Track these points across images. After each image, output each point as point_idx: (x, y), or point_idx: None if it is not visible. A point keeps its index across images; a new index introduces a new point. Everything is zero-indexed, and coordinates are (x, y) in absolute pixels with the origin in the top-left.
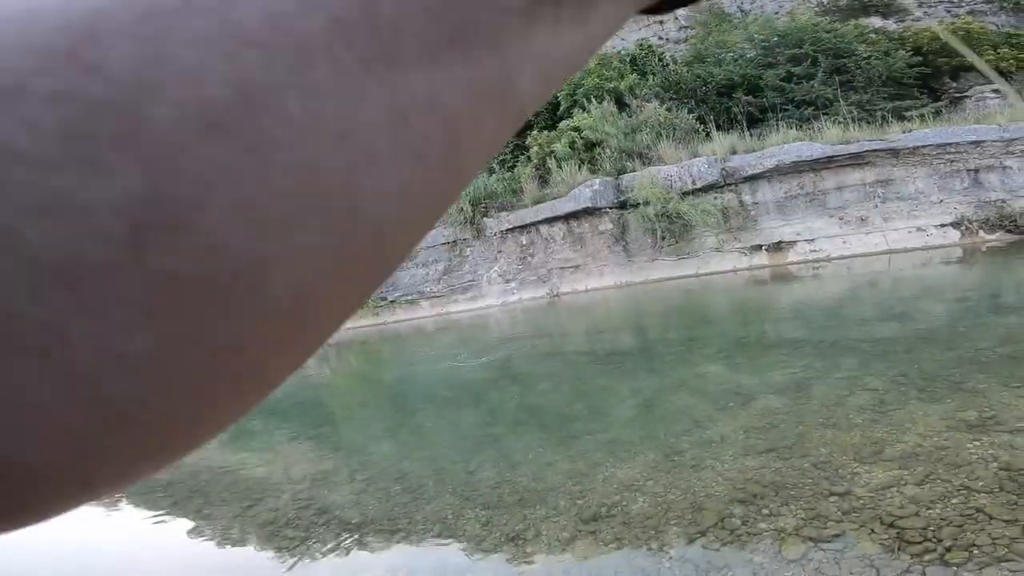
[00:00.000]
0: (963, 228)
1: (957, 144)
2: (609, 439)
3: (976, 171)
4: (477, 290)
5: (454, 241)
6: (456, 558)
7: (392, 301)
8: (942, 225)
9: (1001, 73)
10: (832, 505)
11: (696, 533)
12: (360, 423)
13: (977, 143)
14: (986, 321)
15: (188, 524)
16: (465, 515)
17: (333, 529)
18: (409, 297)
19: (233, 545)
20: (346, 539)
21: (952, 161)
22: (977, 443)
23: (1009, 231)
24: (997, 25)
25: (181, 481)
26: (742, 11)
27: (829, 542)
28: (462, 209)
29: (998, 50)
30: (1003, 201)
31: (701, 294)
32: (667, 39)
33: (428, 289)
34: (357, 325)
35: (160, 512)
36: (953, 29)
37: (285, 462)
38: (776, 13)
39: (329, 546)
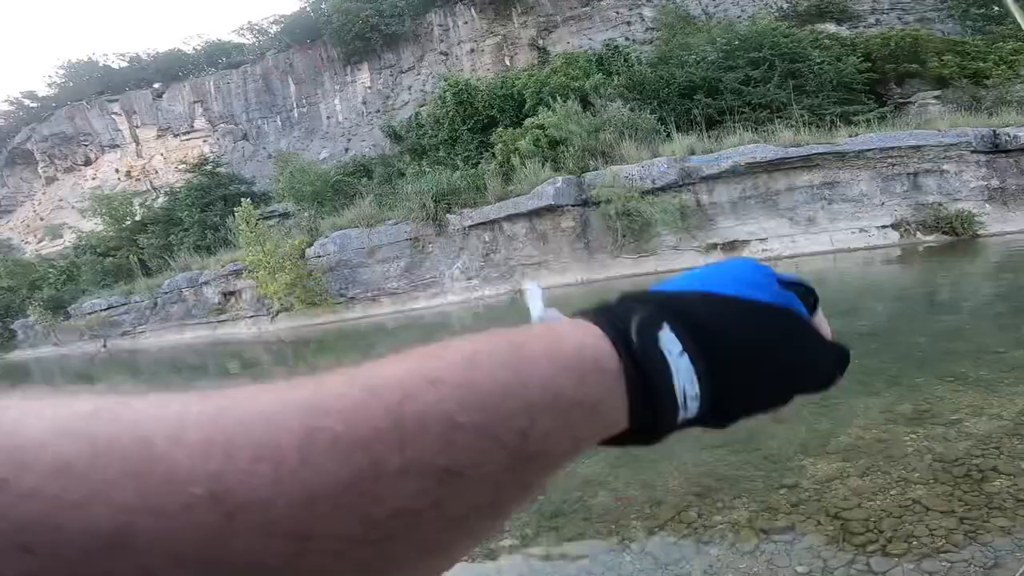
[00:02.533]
0: (902, 229)
1: (898, 148)
2: None
3: (915, 175)
4: (439, 287)
5: (416, 238)
6: None
7: (352, 298)
8: (883, 226)
9: (943, 81)
10: (782, 497)
11: (655, 526)
12: None
13: (917, 148)
14: (922, 318)
15: None
16: None
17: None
18: (369, 294)
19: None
20: None
21: (893, 165)
22: (913, 436)
23: (945, 233)
24: (944, 32)
25: None
26: (707, 14)
27: (780, 534)
28: (424, 205)
29: (942, 57)
30: (940, 204)
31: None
32: (633, 40)
33: (389, 286)
34: (315, 322)
35: None
36: (901, 36)
37: None
38: (739, 17)
39: None
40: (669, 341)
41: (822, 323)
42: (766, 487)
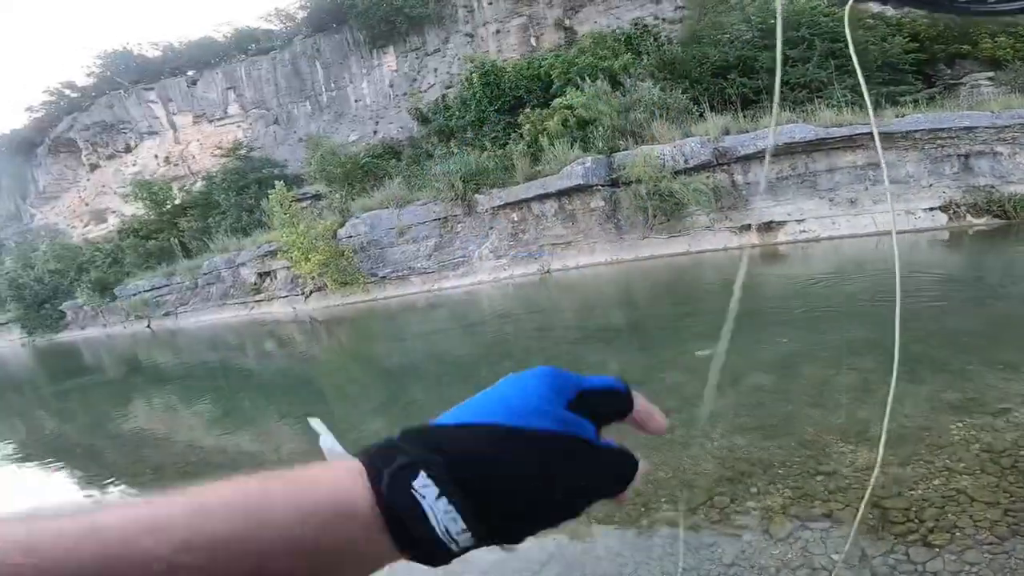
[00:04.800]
0: (951, 212)
1: (949, 129)
2: None
3: (967, 156)
4: (468, 266)
5: (445, 217)
6: None
7: (382, 277)
8: (931, 208)
9: (996, 62)
10: (819, 484)
11: (686, 511)
12: (352, 400)
13: (969, 129)
14: (971, 303)
15: None
16: None
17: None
18: (399, 273)
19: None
20: None
21: (943, 146)
22: (960, 424)
23: (996, 216)
24: None
25: (171, 463)
26: None
27: (816, 521)
28: (453, 186)
29: (995, 38)
30: (992, 186)
31: (691, 272)
32: (663, 19)
33: (419, 265)
34: (348, 302)
35: (150, 495)
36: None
37: (276, 441)
38: None
39: None
40: (423, 486)
41: (650, 413)
42: (802, 473)
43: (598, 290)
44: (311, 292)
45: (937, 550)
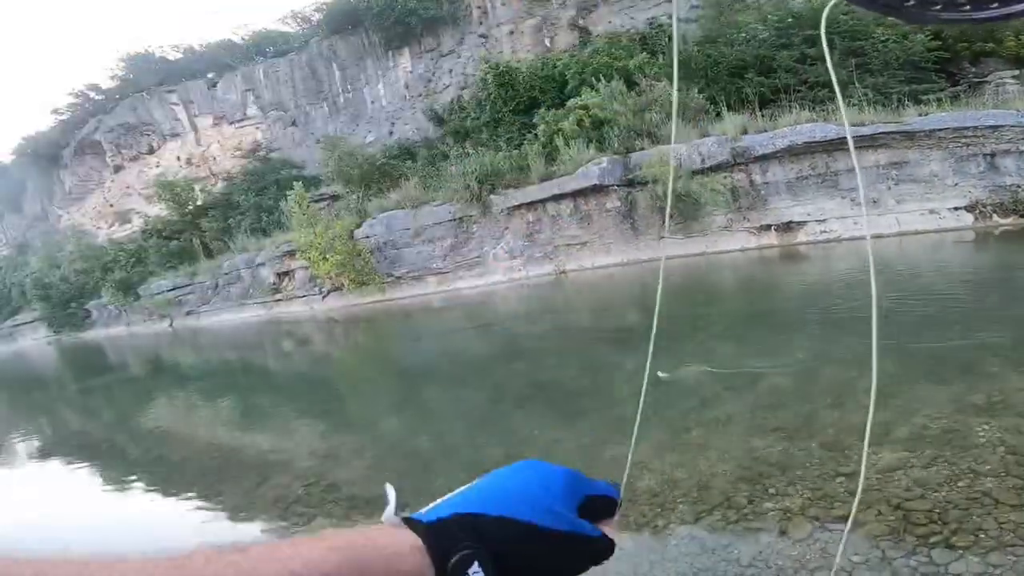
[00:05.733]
0: (977, 212)
1: (974, 128)
2: (616, 416)
3: (992, 155)
4: (483, 266)
5: (460, 218)
6: None
7: (398, 278)
8: (955, 208)
9: (1021, 61)
10: (839, 486)
11: (702, 511)
12: (368, 399)
13: (995, 128)
14: (997, 305)
15: (199, 502)
16: None
17: (342, 506)
18: (415, 273)
19: (243, 522)
20: (355, 516)
21: (968, 145)
22: (985, 427)
23: (1020, 215)
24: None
25: (192, 459)
26: None
27: (836, 523)
28: (468, 186)
29: (1020, 36)
30: (1018, 186)
31: (709, 272)
32: (678, 18)
33: (434, 265)
34: (364, 301)
35: (172, 490)
36: None
37: (294, 439)
38: None
39: (339, 523)
40: (475, 572)
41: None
42: (822, 475)
43: (613, 291)
44: (328, 292)
45: (961, 552)
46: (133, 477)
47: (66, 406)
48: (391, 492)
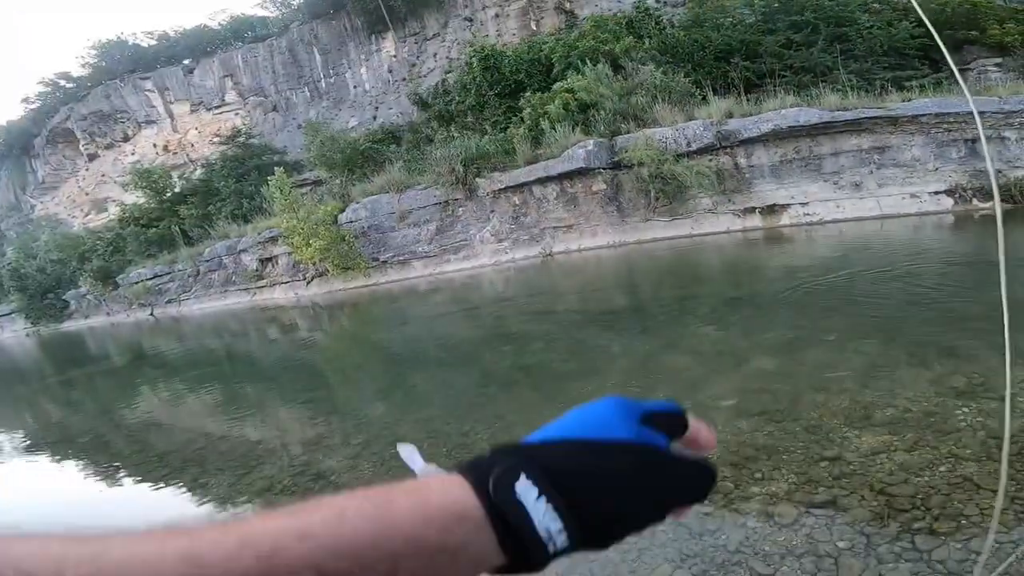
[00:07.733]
0: (957, 196)
1: (956, 114)
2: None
3: (973, 141)
4: (469, 249)
5: (446, 201)
6: None
7: (384, 262)
8: (936, 192)
9: (1004, 48)
10: (823, 470)
11: None
12: (354, 385)
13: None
14: (978, 287)
15: (184, 493)
16: None
17: (329, 495)
18: (401, 258)
19: (229, 513)
20: None
21: (949, 130)
22: (966, 410)
23: (1003, 200)
24: (1004, 0)
25: (176, 450)
26: None
27: (821, 507)
28: (453, 170)
29: (1003, 24)
30: (999, 171)
31: (694, 254)
32: (664, 2)
33: (420, 249)
34: (349, 286)
35: (156, 481)
36: (959, 2)
37: (279, 427)
38: None
39: None
40: (525, 489)
41: (699, 430)
42: (807, 459)
43: (600, 273)
44: (313, 277)
45: (943, 538)
46: (113, 469)
47: (45, 397)
48: (408, 453)
